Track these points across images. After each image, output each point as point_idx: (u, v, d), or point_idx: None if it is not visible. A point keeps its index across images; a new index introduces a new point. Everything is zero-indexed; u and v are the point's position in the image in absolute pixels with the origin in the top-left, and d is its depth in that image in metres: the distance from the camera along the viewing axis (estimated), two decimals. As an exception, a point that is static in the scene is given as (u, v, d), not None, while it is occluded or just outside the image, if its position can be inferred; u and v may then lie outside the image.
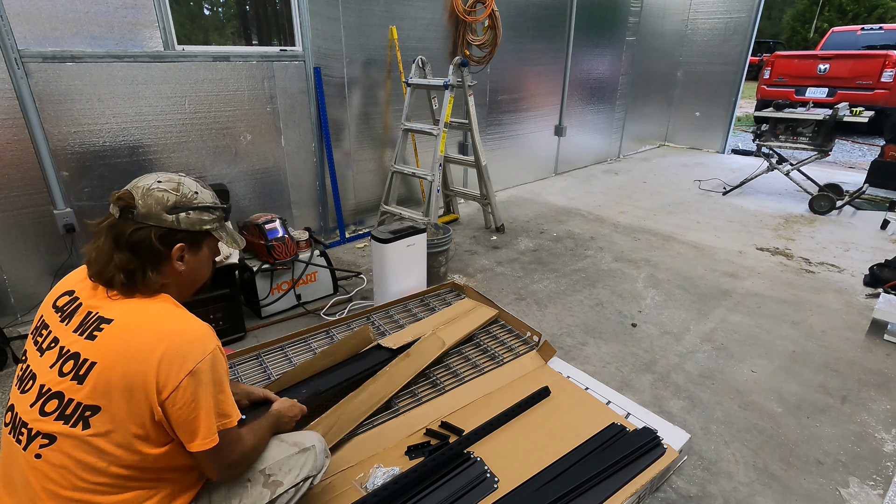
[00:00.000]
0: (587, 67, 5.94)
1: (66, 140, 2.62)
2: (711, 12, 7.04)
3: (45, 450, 1.00)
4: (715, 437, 1.99)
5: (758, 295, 3.15)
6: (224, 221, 1.24)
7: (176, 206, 1.11)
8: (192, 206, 1.13)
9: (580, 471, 1.62)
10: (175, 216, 1.10)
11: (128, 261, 1.07)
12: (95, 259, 1.09)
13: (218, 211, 1.20)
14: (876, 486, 1.77)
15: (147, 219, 1.08)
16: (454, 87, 3.53)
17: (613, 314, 2.91)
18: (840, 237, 4.14)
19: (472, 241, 3.99)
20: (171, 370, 1.00)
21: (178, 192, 1.12)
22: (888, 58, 7.79)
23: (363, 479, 1.61)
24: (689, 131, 7.75)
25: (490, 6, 4.00)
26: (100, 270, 1.09)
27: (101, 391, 1.00)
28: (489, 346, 2.29)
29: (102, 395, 1.00)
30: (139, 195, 1.09)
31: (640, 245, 3.93)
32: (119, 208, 1.08)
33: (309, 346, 2.30)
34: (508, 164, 5.38)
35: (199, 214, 1.14)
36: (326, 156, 3.67)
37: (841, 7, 21.21)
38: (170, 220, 1.10)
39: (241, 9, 3.29)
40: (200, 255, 1.19)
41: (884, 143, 5.39)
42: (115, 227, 1.08)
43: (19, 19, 2.37)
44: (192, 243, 1.15)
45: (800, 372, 2.40)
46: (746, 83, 7.41)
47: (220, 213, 1.21)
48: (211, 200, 1.19)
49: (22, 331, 2.62)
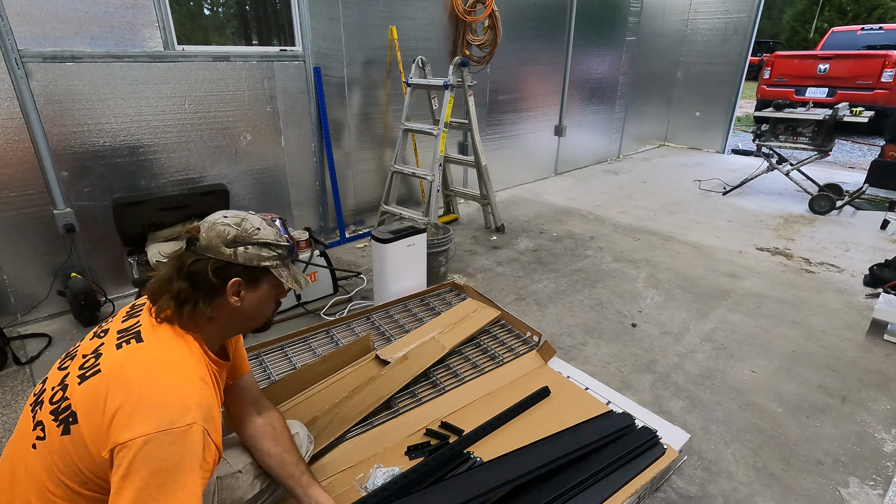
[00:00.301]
0: (587, 67, 5.94)
1: (66, 140, 2.62)
2: (711, 12, 7.04)
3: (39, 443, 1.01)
4: (715, 437, 1.99)
5: (758, 295, 3.15)
6: (287, 260, 1.22)
7: (235, 241, 1.12)
8: (251, 242, 1.14)
9: (578, 469, 1.62)
10: (233, 250, 1.11)
11: (183, 290, 1.09)
12: (155, 282, 1.12)
13: (280, 249, 1.19)
14: (876, 486, 1.77)
15: (207, 251, 1.10)
16: (454, 87, 3.53)
17: (613, 314, 2.91)
18: (840, 237, 4.14)
19: (472, 241, 3.99)
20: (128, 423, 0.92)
21: (240, 226, 1.14)
22: (888, 58, 7.79)
23: (363, 479, 1.61)
24: (689, 131, 7.75)
25: (490, 6, 4.00)
26: (154, 292, 1.11)
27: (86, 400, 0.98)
28: (489, 346, 2.29)
29: (85, 404, 0.98)
30: (205, 228, 1.12)
31: (640, 245, 3.93)
32: (186, 240, 1.12)
33: (309, 345, 2.30)
34: (508, 164, 5.38)
35: (257, 250, 1.14)
36: (326, 156, 3.67)
37: (841, 7, 21.22)
38: (227, 253, 1.11)
39: (241, 9, 3.29)
40: (259, 293, 1.18)
41: (884, 143, 5.40)
42: (180, 258, 1.12)
43: (19, 19, 2.37)
44: (249, 279, 1.15)
45: (800, 372, 2.40)
46: (746, 83, 7.41)
47: (282, 252, 1.19)
48: (273, 238, 1.18)
49: (22, 331, 2.62)
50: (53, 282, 2.73)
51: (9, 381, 2.27)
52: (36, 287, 2.71)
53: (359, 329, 2.43)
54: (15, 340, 2.53)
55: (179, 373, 1.03)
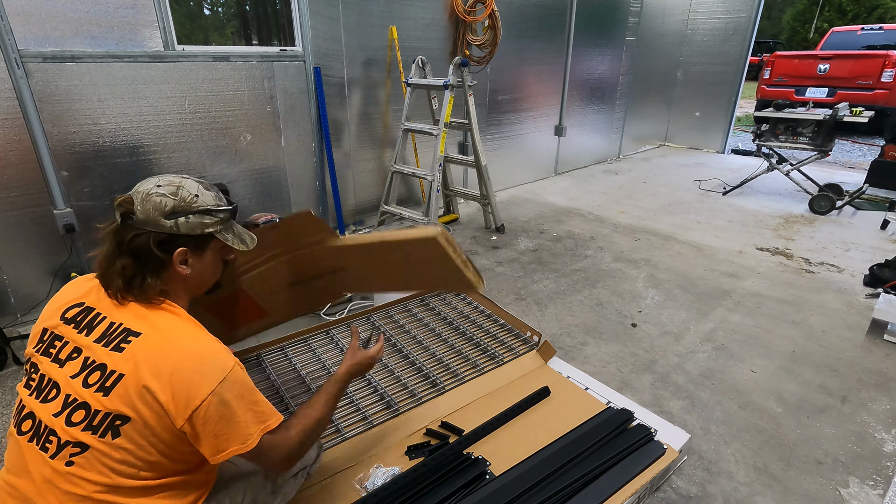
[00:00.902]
0: (587, 67, 5.94)
1: (66, 140, 2.62)
2: (711, 12, 7.04)
3: (79, 457, 1.00)
4: (715, 437, 1.99)
5: (758, 295, 3.15)
6: (229, 222, 1.20)
7: (174, 212, 1.08)
8: (192, 211, 1.10)
9: (576, 468, 1.62)
10: (174, 221, 1.08)
11: (129, 266, 1.06)
12: (100, 263, 1.10)
13: (221, 213, 1.16)
14: (876, 486, 1.77)
15: (146, 224, 1.06)
16: (454, 87, 3.53)
17: (613, 314, 2.91)
18: (840, 237, 4.14)
19: (472, 241, 3.99)
20: (192, 389, 1.00)
21: (177, 195, 1.09)
22: (888, 58, 7.79)
23: (363, 479, 1.61)
24: (689, 131, 7.74)
25: (490, 6, 4.00)
26: (103, 274, 1.10)
27: (129, 402, 1.00)
28: (489, 345, 2.29)
29: (130, 406, 1.00)
30: (138, 200, 1.07)
31: (640, 245, 3.93)
32: (120, 214, 1.07)
33: (309, 345, 2.30)
34: (508, 164, 5.38)
35: (199, 218, 1.11)
36: (326, 156, 3.67)
37: (841, 7, 21.23)
38: (168, 225, 1.07)
39: (241, 9, 3.30)
40: (205, 258, 1.16)
41: (884, 143, 5.40)
42: (118, 234, 1.08)
43: (19, 19, 2.37)
44: (195, 247, 1.13)
45: (800, 372, 2.40)
46: (746, 83, 7.41)
47: (224, 216, 1.16)
48: (213, 202, 1.14)
49: (22, 331, 2.62)
50: (53, 282, 2.73)
51: (9, 381, 2.27)
52: (36, 287, 2.71)
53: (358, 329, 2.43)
54: (15, 340, 2.53)
55: (189, 336, 1.08)
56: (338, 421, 1.82)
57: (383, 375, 2.09)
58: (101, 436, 0.99)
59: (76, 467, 1.00)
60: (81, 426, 1.01)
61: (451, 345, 2.31)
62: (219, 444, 1.03)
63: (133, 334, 1.05)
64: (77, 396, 1.02)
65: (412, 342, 2.33)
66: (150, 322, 1.07)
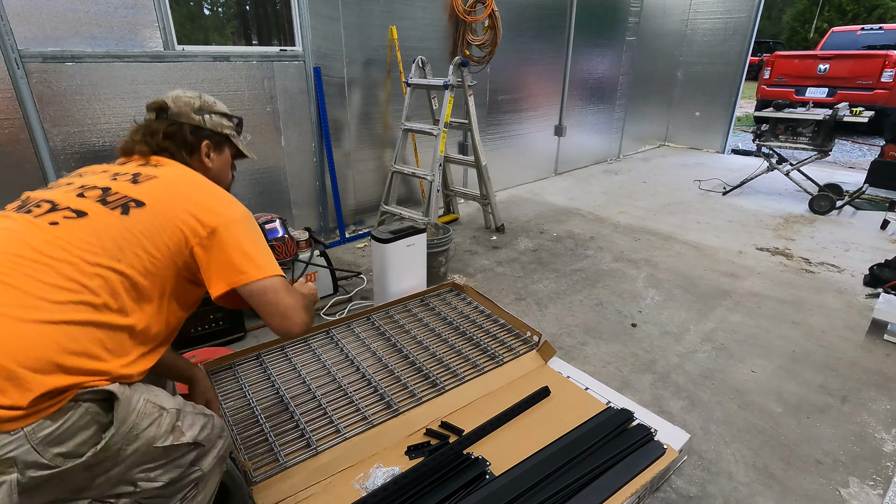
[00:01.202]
0: (587, 67, 5.94)
1: (66, 140, 2.62)
2: (711, 12, 7.04)
3: (70, 221, 1.01)
4: (715, 437, 1.99)
5: (758, 295, 3.15)
6: (241, 130, 1.44)
7: (201, 109, 1.34)
8: (214, 111, 1.36)
9: (575, 467, 1.62)
10: (202, 116, 1.33)
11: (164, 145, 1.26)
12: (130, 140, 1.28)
13: (235, 119, 1.41)
14: (876, 486, 1.77)
15: (179, 117, 1.30)
16: (454, 87, 3.53)
17: (613, 314, 2.91)
18: (840, 237, 4.14)
19: (472, 241, 3.99)
20: (215, 211, 1.13)
21: (202, 98, 1.35)
22: (888, 58, 7.80)
23: (363, 479, 1.61)
24: (689, 131, 7.75)
25: (490, 6, 4.00)
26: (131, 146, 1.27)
27: (153, 195, 1.11)
28: (489, 345, 2.29)
29: (153, 198, 1.10)
30: (170, 100, 1.31)
31: (640, 245, 3.93)
32: (154, 111, 1.29)
33: (309, 345, 2.30)
34: (508, 164, 5.38)
35: (220, 118, 1.37)
36: (326, 156, 3.67)
37: (841, 7, 21.23)
38: (197, 119, 1.32)
39: (241, 9, 3.29)
40: (223, 157, 1.40)
41: (884, 143, 5.39)
42: (150, 126, 1.28)
43: (19, 19, 2.37)
44: (216, 143, 1.36)
45: (800, 372, 2.40)
46: (746, 83, 7.41)
47: (237, 122, 1.42)
48: (228, 110, 1.41)
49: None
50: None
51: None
52: (36, 287, 2.70)
53: (359, 329, 2.43)
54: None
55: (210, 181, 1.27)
56: (338, 421, 1.82)
57: (383, 375, 2.09)
58: (112, 208, 1.05)
59: (59, 228, 1.00)
60: (94, 199, 1.08)
61: (451, 345, 2.31)
62: (232, 268, 1.09)
63: (150, 178, 1.17)
64: (96, 184, 1.13)
65: (412, 342, 2.33)
66: (178, 170, 1.24)
